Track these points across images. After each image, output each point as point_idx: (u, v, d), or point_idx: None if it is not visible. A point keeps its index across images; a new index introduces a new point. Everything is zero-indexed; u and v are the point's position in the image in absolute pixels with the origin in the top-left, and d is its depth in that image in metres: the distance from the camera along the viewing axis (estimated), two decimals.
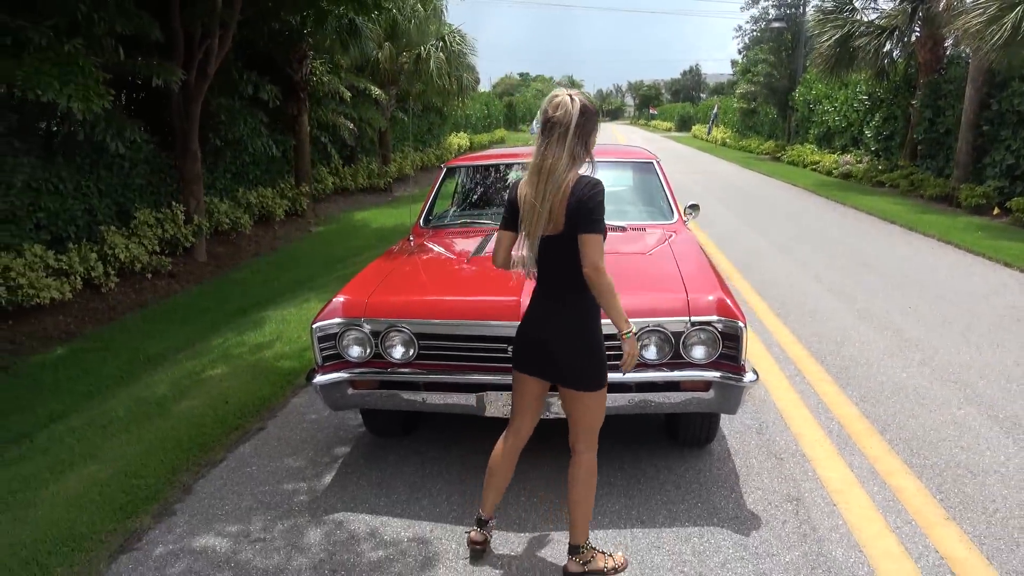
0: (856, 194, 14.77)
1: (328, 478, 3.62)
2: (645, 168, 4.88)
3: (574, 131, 2.54)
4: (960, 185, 12.90)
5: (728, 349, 3.19)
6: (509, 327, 3.14)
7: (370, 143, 19.16)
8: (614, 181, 5.00)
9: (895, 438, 3.92)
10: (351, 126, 16.24)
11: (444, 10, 20.37)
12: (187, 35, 9.51)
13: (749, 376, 3.17)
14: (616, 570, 2.80)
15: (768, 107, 27.95)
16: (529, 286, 3.14)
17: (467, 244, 4.25)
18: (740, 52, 32.24)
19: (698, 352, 3.20)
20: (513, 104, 57.62)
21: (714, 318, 3.15)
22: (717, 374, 3.16)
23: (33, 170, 7.97)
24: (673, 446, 3.83)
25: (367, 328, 3.32)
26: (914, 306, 6.45)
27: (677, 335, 3.19)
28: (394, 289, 3.54)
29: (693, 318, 3.16)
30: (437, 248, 4.28)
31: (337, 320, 3.33)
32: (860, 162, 17.72)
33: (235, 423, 4.23)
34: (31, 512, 3.33)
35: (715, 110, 38.52)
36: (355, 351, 3.36)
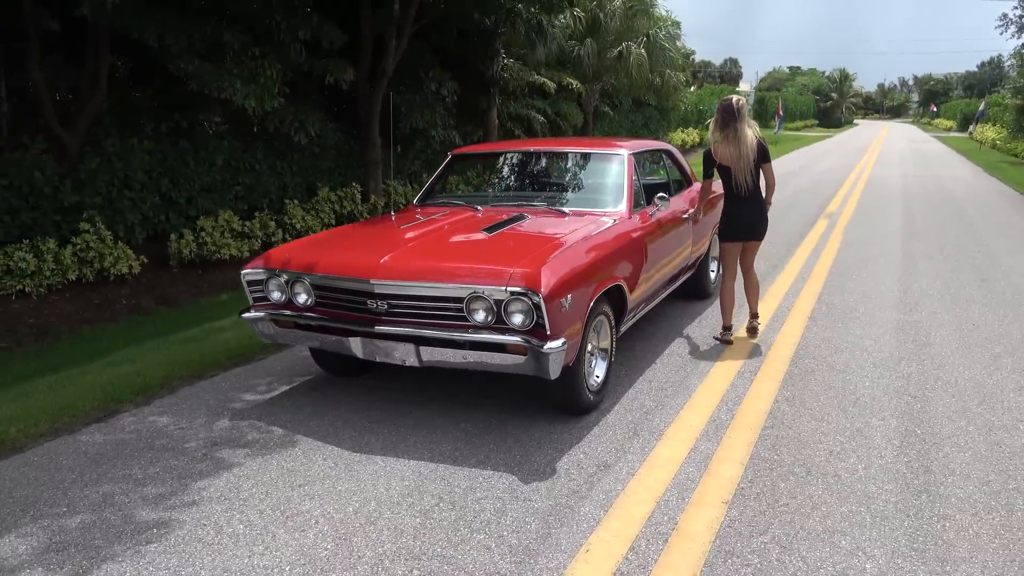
0: None
1: (266, 397, 4.54)
2: (615, 160, 5.13)
3: (749, 114, 5.21)
4: None
5: (539, 318, 3.55)
6: (359, 283, 3.83)
7: (571, 135, 19.86)
8: (585, 171, 5.34)
9: (775, 435, 3.91)
10: (542, 119, 17.17)
11: (655, 4, 20.44)
12: (366, 38, 11.01)
13: (551, 345, 3.51)
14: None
15: None
16: (394, 249, 3.84)
17: (431, 218, 4.88)
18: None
19: (516, 319, 3.61)
20: (765, 100, 55.04)
21: (520, 289, 3.52)
22: (518, 338, 3.55)
23: (232, 151, 9.87)
24: (550, 413, 4.17)
25: (283, 278, 4.17)
26: (980, 323, 5.84)
27: (499, 303, 3.62)
28: (312, 248, 4.35)
29: (510, 288, 3.56)
30: (403, 221, 4.97)
31: (258, 269, 4.22)
32: None
33: (241, 352, 5.31)
34: (64, 390, 4.67)
35: (981, 107, 33.78)
36: (275, 295, 4.23)
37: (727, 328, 5.41)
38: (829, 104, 76.36)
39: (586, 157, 5.36)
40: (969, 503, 3.23)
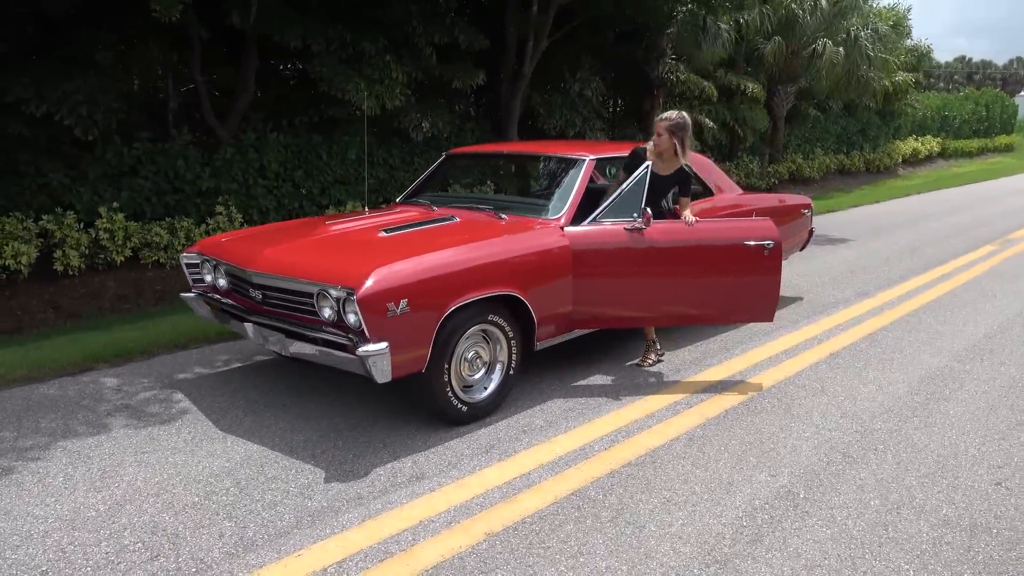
0: None
1: (214, 372, 4.94)
2: (566, 165, 4.82)
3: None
4: None
5: (361, 319, 3.52)
6: (242, 272, 4.09)
7: (754, 142, 18.59)
8: (543, 176, 5.12)
9: (628, 474, 3.52)
10: (710, 123, 16.31)
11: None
12: (510, 41, 11.28)
13: (366, 348, 3.47)
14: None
15: None
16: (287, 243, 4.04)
17: (373, 215, 4.99)
18: None
19: (351, 318, 3.62)
20: None
21: (348, 289, 3.52)
22: (341, 337, 3.56)
23: (364, 146, 10.66)
24: (429, 419, 4.10)
25: (212, 263, 4.52)
26: None
27: (339, 300, 3.65)
28: (242, 238, 4.65)
29: (343, 287, 3.58)
30: (356, 217, 5.09)
31: (192, 253, 4.62)
32: None
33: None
34: (71, 347, 5.43)
35: None
36: (207, 278, 4.60)
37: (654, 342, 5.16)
38: None
39: (546, 161, 5.14)
40: None
